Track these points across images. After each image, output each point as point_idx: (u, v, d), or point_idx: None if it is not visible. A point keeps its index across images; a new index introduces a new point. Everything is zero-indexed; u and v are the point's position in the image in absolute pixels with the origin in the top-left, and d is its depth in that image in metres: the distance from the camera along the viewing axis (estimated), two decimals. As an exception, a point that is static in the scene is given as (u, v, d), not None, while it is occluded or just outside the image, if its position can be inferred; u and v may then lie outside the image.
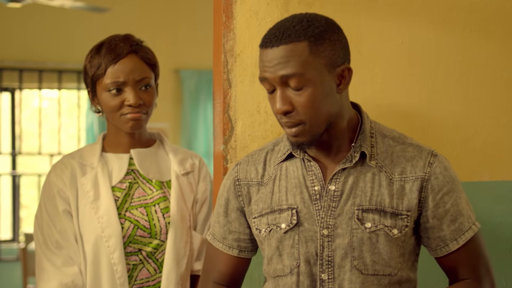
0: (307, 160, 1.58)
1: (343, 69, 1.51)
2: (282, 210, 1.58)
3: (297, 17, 1.51)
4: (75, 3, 5.05)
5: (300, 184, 1.57)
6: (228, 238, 1.68)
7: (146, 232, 1.90)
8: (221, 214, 1.69)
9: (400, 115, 2.06)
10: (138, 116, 1.89)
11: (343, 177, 1.55)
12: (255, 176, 1.64)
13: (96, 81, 1.90)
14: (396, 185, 1.54)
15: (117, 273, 1.86)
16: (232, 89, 1.95)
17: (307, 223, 1.55)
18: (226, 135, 1.94)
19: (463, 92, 2.09)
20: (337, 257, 1.53)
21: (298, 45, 1.46)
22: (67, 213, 1.90)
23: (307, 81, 1.46)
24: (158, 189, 1.96)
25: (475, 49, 2.09)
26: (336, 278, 1.53)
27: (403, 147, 1.59)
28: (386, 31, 2.04)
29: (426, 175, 1.55)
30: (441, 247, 1.58)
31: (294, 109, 1.48)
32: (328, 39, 1.48)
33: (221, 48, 1.95)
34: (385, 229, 1.52)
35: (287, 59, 1.46)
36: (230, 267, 1.69)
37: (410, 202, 1.54)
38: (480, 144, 2.10)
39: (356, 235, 1.52)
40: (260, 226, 1.61)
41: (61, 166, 1.95)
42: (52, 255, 1.88)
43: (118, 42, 1.90)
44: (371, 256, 1.52)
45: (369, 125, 1.59)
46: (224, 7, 1.94)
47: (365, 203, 1.53)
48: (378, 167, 1.55)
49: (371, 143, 1.57)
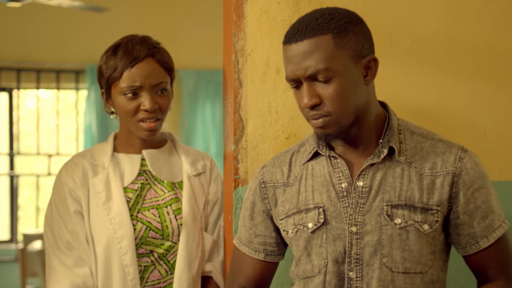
0: (333, 158, 1.57)
1: (369, 60, 1.51)
2: (308, 209, 1.56)
3: (319, 12, 1.51)
4: (73, 2, 5.02)
5: (326, 182, 1.56)
6: (254, 242, 1.67)
7: (158, 234, 1.89)
8: (246, 218, 1.68)
9: (409, 114, 2.05)
10: (153, 126, 1.87)
11: (371, 173, 1.53)
12: (280, 178, 1.63)
13: (112, 84, 1.87)
14: (426, 180, 1.53)
15: (129, 275, 1.85)
16: (243, 88, 1.94)
17: (334, 221, 1.53)
18: (237, 135, 1.93)
19: (473, 92, 2.09)
20: (366, 254, 1.51)
21: (323, 38, 1.46)
22: (78, 214, 1.88)
23: (334, 73, 1.46)
24: (170, 190, 1.95)
25: (484, 48, 2.09)
26: (364, 276, 1.51)
27: (433, 142, 1.57)
28: (395, 31, 2.03)
29: (457, 170, 1.53)
30: (471, 245, 1.56)
31: (321, 102, 1.48)
32: (351, 31, 1.49)
33: (232, 48, 1.94)
34: (416, 224, 1.50)
35: (312, 53, 1.46)
36: (256, 271, 1.68)
37: (441, 197, 1.52)
38: (489, 144, 2.10)
39: (386, 231, 1.50)
40: (287, 227, 1.59)
41: (72, 165, 1.93)
42: (63, 256, 1.86)
43: (135, 45, 1.86)
44: (401, 253, 1.50)
45: (396, 122, 1.59)
46: (235, 7, 1.93)
47: (394, 198, 1.51)
48: (408, 162, 1.54)
49: (400, 139, 1.56)
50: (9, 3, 4.72)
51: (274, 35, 1.94)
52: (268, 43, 1.94)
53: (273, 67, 1.94)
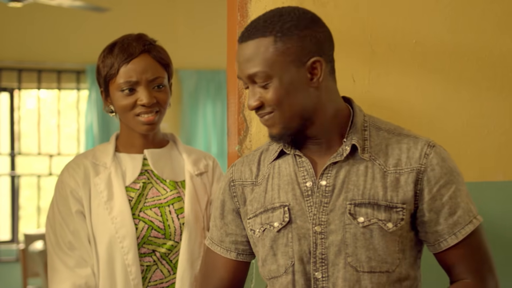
0: (298, 156, 1.55)
1: (314, 61, 1.47)
2: (274, 208, 1.54)
3: (274, 11, 1.50)
4: (74, 2, 5.03)
5: (292, 181, 1.54)
6: (226, 241, 1.65)
7: (160, 233, 1.89)
8: (217, 217, 1.66)
9: (413, 114, 2.05)
10: (151, 120, 1.87)
11: (334, 171, 1.51)
12: (249, 176, 1.62)
13: (109, 81, 1.88)
14: (390, 177, 1.49)
15: (131, 274, 1.84)
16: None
17: (299, 220, 1.51)
18: (241, 135, 1.93)
19: (476, 92, 2.08)
20: (331, 254, 1.48)
21: (264, 41, 1.45)
22: (80, 214, 1.87)
23: (271, 78, 1.46)
24: (172, 189, 1.94)
25: (488, 49, 2.08)
26: (330, 276, 1.48)
27: (399, 138, 1.54)
28: (400, 31, 2.03)
29: (422, 167, 1.49)
30: (439, 242, 1.51)
31: (262, 104, 1.49)
32: (297, 35, 1.45)
33: (236, 48, 1.93)
34: (379, 223, 1.47)
35: (251, 56, 1.46)
36: (229, 271, 1.66)
37: (405, 195, 1.49)
38: (493, 144, 2.09)
39: (349, 230, 1.47)
40: (255, 226, 1.58)
41: (74, 166, 1.93)
42: (65, 256, 1.86)
43: (130, 42, 1.88)
44: (366, 252, 1.47)
45: (362, 119, 1.56)
46: (239, 6, 1.92)
47: (357, 197, 1.48)
48: (372, 159, 1.51)
49: (364, 136, 1.53)
50: (10, 3, 4.72)
51: (278, 35, 1.93)
52: (272, 43, 1.93)
53: (277, 67, 1.93)
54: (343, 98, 1.59)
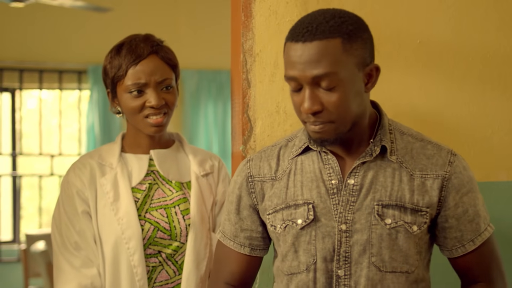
0: (324, 153, 1.55)
1: (372, 68, 1.49)
2: (297, 205, 1.55)
3: (328, 13, 1.46)
4: (75, 3, 5.02)
5: (316, 178, 1.55)
6: (240, 236, 1.65)
7: (166, 234, 1.88)
8: (232, 212, 1.66)
9: (417, 115, 2.05)
10: (160, 122, 1.87)
11: (362, 171, 1.52)
12: (268, 172, 1.61)
13: (117, 83, 1.88)
14: (417, 181, 1.52)
15: (137, 275, 1.84)
16: (251, 89, 1.93)
17: (324, 218, 1.52)
18: (245, 135, 1.93)
19: (480, 93, 2.08)
20: (355, 253, 1.50)
21: (332, 42, 1.42)
22: (86, 214, 1.87)
23: (339, 81, 1.43)
24: (178, 190, 1.94)
25: (492, 49, 2.09)
26: (352, 274, 1.51)
27: (423, 144, 1.57)
28: (404, 31, 2.03)
29: (447, 174, 1.53)
30: (457, 248, 1.57)
31: (324, 109, 1.44)
32: (360, 37, 1.45)
33: (240, 48, 1.94)
34: (405, 225, 1.51)
35: (319, 57, 1.41)
36: (241, 266, 1.66)
37: (430, 199, 1.52)
38: (497, 144, 2.10)
39: (375, 231, 1.50)
40: (275, 222, 1.58)
41: (80, 166, 1.93)
42: (71, 256, 1.86)
43: (138, 43, 1.87)
44: (390, 252, 1.50)
45: (387, 122, 1.58)
46: (243, 6, 1.92)
47: (385, 198, 1.51)
48: (399, 162, 1.53)
49: (391, 138, 1.55)
50: (12, 3, 4.71)
51: (283, 35, 1.90)
52: (276, 43, 1.94)
53: (282, 67, 1.92)
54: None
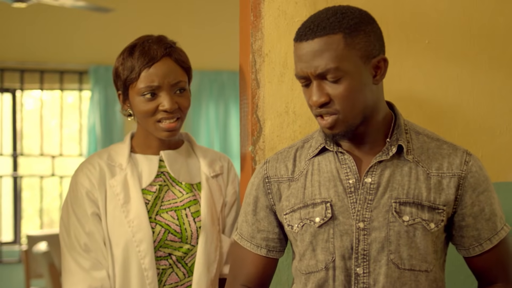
0: (340, 154, 1.57)
1: (379, 60, 1.52)
2: (315, 204, 1.56)
3: (331, 10, 1.52)
4: (76, 3, 5.01)
5: (333, 177, 1.57)
6: (257, 237, 1.66)
7: (177, 237, 1.87)
8: (249, 213, 1.67)
9: (426, 114, 2.05)
10: (173, 127, 1.85)
11: (379, 170, 1.54)
12: (285, 173, 1.63)
13: (129, 85, 1.85)
14: (433, 179, 1.54)
15: (147, 278, 1.83)
16: (260, 89, 1.93)
17: (342, 216, 1.54)
18: (254, 135, 1.92)
19: (489, 92, 2.08)
20: (373, 250, 1.52)
21: (333, 38, 1.47)
22: (95, 216, 1.85)
23: (343, 73, 1.47)
24: (188, 191, 1.93)
25: (501, 48, 2.08)
26: (371, 272, 1.52)
27: (438, 143, 1.59)
28: (413, 30, 2.02)
29: (463, 173, 1.55)
30: (474, 247, 1.58)
31: (330, 100, 1.49)
32: (362, 31, 1.49)
33: (249, 48, 1.93)
34: (423, 222, 1.52)
35: (322, 52, 1.47)
36: (258, 267, 1.67)
37: (447, 197, 1.54)
38: (506, 144, 2.09)
39: (393, 228, 1.51)
40: (292, 221, 1.59)
41: (89, 166, 1.90)
42: (80, 258, 1.84)
43: (151, 44, 1.84)
44: (408, 250, 1.51)
45: (403, 122, 1.60)
46: (252, 7, 1.92)
47: (402, 196, 1.52)
48: (415, 161, 1.55)
49: (407, 138, 1.57)
50: (14, 3, 4.70)
51: (292, 35, 1.89)
52: (285, 43, 1.93)
53: (291, 67, 1.93)
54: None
